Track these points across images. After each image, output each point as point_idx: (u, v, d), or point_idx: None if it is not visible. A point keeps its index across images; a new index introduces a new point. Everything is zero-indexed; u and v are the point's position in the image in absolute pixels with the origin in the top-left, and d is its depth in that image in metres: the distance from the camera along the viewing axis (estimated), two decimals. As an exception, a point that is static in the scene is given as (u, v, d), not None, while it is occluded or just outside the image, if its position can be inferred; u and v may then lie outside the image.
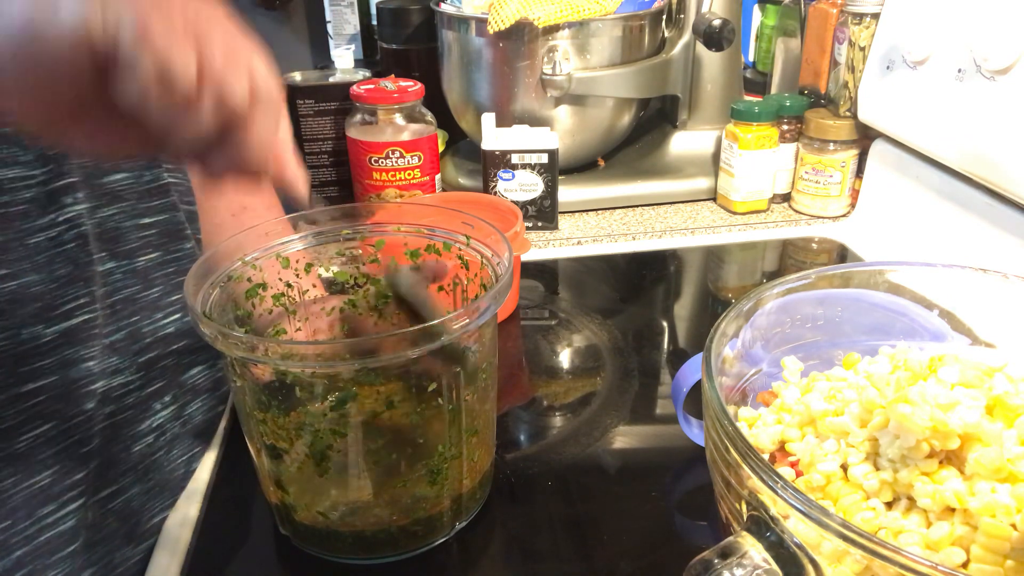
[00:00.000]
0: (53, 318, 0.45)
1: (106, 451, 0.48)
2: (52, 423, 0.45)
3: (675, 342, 0.72)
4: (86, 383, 0.47)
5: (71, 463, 0.46)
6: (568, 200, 0.94)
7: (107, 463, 0.48)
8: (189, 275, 0.44)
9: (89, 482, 0.47)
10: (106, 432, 0.48)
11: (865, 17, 0.85)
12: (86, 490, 0.47)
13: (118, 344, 0.49)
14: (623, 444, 0.57)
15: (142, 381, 0.51)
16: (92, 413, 0.47)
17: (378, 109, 0.88)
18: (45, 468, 0.45)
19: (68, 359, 0.46)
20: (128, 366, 0.50)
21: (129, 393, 0.50)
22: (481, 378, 0.47)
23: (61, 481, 0.45)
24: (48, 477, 0.45)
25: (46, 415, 0.45)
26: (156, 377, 0.52)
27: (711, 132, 1.00)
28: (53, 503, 0.45)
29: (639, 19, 0.91)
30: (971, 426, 0.35)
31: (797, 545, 0.32)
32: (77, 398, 0.46)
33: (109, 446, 0.49)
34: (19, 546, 0.43)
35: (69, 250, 0.46)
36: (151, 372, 0.51)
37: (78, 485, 0.46)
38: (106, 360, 0.48)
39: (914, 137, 0.79)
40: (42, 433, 0.45)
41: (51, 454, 0.45)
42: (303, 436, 0.43)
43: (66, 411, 0.46)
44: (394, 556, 0.48)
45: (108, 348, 0.48)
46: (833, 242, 0.88)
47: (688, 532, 0.50)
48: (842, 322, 0.49)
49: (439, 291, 0.54)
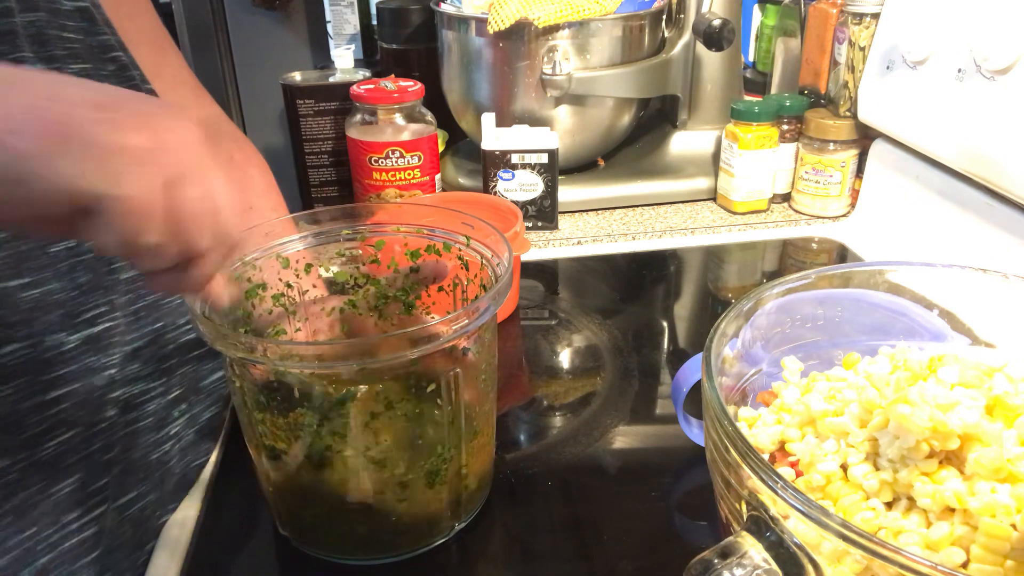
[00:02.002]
0: (76, 325, 0.45)
1: (126, 458, 0.49)
2: (76, 430, 0.45)
3: (675, 342, 0.72)
4: (108, 390, 0.47)
5: (95, 470, 0.46)
6: (568, 200, 0.94)
7: (126, 470, 0.49)
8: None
9: (110, 489, 0.47)
10: (126, 440, 0.49)
11: (865, 17, 0.85)
12: (107, 497, 0.47)
13: (140, 351, 0.49)
14: (623, 444, 0.57)
15: (163, 388, 0.51)
16: (114, 420, 0.47)
17: (378, 109, 0.88)
18: (70, 475, 0.45)
19: (91, 366, 0.46)
20: (150, 372, 0.50)
21: (150, 400, 0.50)
22: (480, 379, 0.47)
23: (85, 488, 0.45)
24: (72, 484, 0.45)
25: (69, 422, 0.45)
26: (176, 384, 0.52)
27: (711, 132, 1.00)
28: (78, 509, 0.45)
29: (639, 19, 0.91)
30: (971, 426, 0.35)
31: (797, 545, 0.32)
32: (100, 405, 0.46)
33: (129, 453, 0.49)
34: (44, 553, 0.43)
35: (89, 259, 0.46)
36: (171, 379, 0.52)
37: (101, 491, 0.46)
38: (128, 367, 0.48)
39: (914, 137, 0.79)
40: (66, 440, 0.45)
41: (75, 461, 0.45)
42: (302, 437, 0.43)
43: (89, 418, 0.46)
44: (393, 557, 0.48)
45: (130, 355, 0.49)
46: (833, 242, 0.88)
47: (688, 532, 0.50)
48: (842, 322, 0.49)
49: (439, 291, 0.54)
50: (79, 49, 0.49)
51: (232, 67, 1.30)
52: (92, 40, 0.50)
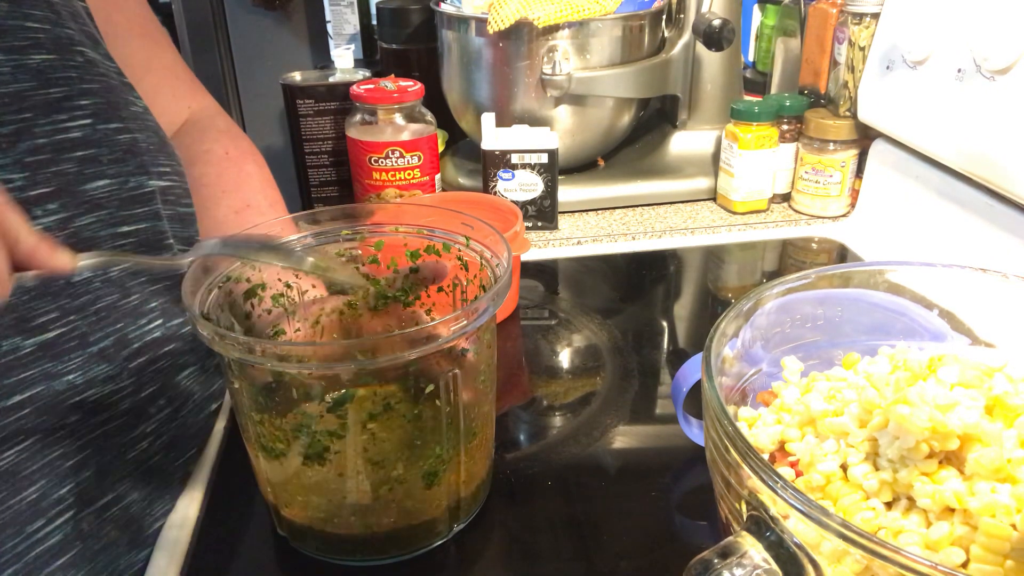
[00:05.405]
0: (31, 330, 0.44)
1: (99, 460, 0.48)
2: (35, 437, 0.44)
3: (675, 342, 0.72)
4: (70, 395, 0.46)
5: (57, 477, 0.45)
6: (568, 200, 0.94)
7: (101, 472, 0.48)
8: (187, 276, 0.44)
9: (80, 494, 0.46)
10: (98, 441, 0.48)
11: (865, 17, 0.85)
12: (76, 502, 0.46)
13: (107, 351, 0.48)
14: (623, 444, 0.57)
15: (134, 387, 0.50)
16: (77, 426, 0.46)
17: (378, 109, 0.88)
18: (31, 484, 0.44)
19: (49, 372, 0.45)
20: (119, 372, 0.49)
21: (123, 399, 0.49)
22: (480, 380, 0.47)
23: (49, 495, 0.45)
24: (35, 493, 0.44)
25: (28, 430, 0.44)
26: (148, 382, 0.51)
27: (711, 132, 1.00)
28: (42, 518, 0.44)
29: (639, 19, 0.91)
30: (970, 426, 0.35)
31: (797, 545, 0.32)
32: (62, 411, 0.45)
33: (102, 455, 0.48)
34: (10, 564, 0.43)
35: None
36: (143, 377, 0.51)
37: (67, 498, 0.46)
38: (96, 368, 0.47)
39: (914, 137, 0.79)
40: (26, 447, 0.44)
41: (36, 469, 0.44)
42: (300, 438, 0.43)
43: (50, 424, 0.45)
44: (392, 558, 0.47)
45: (97, 356, 0.47)
46: (833, 242, 0.88)
47: (688, 532, 0.50)
48: (842, 322, 0.49)
49: (438, 292, 0.54)
50: (44, 40, 0.48)
51: (232, 67, 1.30)
52: (60, 32, 0.49)
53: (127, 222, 0.50)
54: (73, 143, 0.48)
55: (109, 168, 0.49)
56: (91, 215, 0.48)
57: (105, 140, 0.49)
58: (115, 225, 0.49)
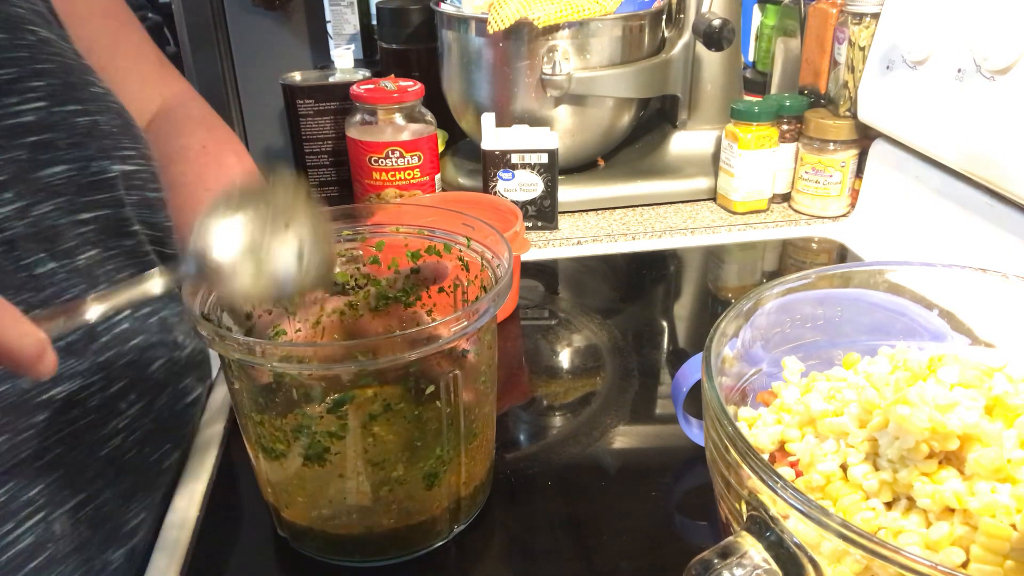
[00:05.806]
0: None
1: (69, 459, 0.46)
2: (2, 438, 0.43)
3: (675, 342, 0.72)
4: (36, 393, 0.44)
5: (26, 478, 0.44)
6: (568, 200, 0.94)
7: (72, 472, 0.46)
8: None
9: (51, 495, 0.45)
10: (67, 440, 0.46)
11: (865, 17, 0.85)
12: (48, 503, 0.45)
13: (75, 346, 0.46)
14: (623, 444, 0.57)
15: (104, 382, 0.48)
16: (45, 425, 0.45)
17: (378, 109, 0.88)
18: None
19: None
20: (87, 367, 0.47)
21: (92, 395, 0.47)
22: (480, 380, 0.47)
23: (18, 497, 0.44)
24: (3, 495, 0.43)
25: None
26: (118, 376, 0.49)
27: (711, 132, 1.00)
28: (11, 521, 0.43)
29: (639, 19, 0.91)
30: (970, 427, 0.35)
31: (797, 545, 0.32)
32: (28, 410, 0.44)
33: (72, 454, 0.46)
34: None
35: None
36: (112, 371, 0.49)
37: (37, 500, 0.44)
38: (64, 363, 0.45)
39: (914, 137, 0.79)
40: None
41: (3, 471, 0.43)
42: (301, 438, 0.43)
43: (16, 424, 0.43)
44: (393, 559, 0.48)
45: (65, 351, 0.45)
46: (833, 242, 0.88)
47: (688, 532, 0.50)
48: (842, 322, 0.49)
49: (439, 292, 0.54)
50: None
51: (232, 67, 1.30)
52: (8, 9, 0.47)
53: (87, 209, 0.48)
54: (26, 127, 0.45)
55: (67, 153, 0.47)
56: (49, 202, 0.46)
57: (62, 123, 0.47)
58: (75, 212, 0.47)
